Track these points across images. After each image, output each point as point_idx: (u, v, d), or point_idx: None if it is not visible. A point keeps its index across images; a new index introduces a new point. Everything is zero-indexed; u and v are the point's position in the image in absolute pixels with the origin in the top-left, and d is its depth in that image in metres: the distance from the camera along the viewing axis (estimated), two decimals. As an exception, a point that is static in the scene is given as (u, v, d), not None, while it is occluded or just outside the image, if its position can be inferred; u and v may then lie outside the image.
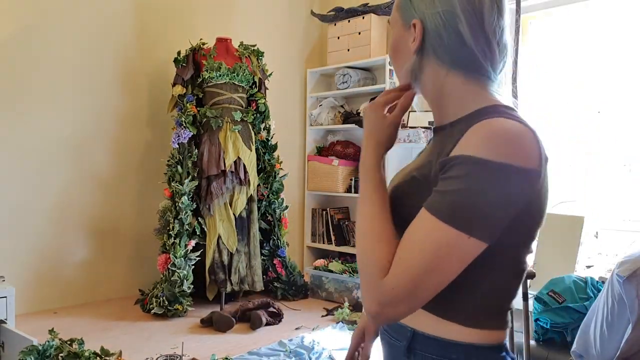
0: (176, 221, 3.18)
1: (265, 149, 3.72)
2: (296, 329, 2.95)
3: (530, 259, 0.84)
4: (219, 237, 3.30)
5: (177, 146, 3.30)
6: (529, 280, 1.82)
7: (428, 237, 0.72)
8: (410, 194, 0.83)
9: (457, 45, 0.81)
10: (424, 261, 0.71)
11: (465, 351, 0.79)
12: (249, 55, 3.59)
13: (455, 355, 0.80)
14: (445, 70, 0.84)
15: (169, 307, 3.05)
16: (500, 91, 0.84)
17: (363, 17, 4.04)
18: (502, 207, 0.71)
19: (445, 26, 0.81)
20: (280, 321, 3.05)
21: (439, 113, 0.87)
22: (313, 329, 2.92)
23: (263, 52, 3.69)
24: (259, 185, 3.63)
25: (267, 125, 3.71)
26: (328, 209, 4.30)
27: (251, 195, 3.47)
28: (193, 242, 3.23)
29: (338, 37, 4.21)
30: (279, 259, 3.65)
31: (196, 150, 3.35)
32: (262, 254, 3.60)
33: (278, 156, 3.76)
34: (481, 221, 0.71)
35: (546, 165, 0.76)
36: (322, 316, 3.20)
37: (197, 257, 3.23)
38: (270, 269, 3.64)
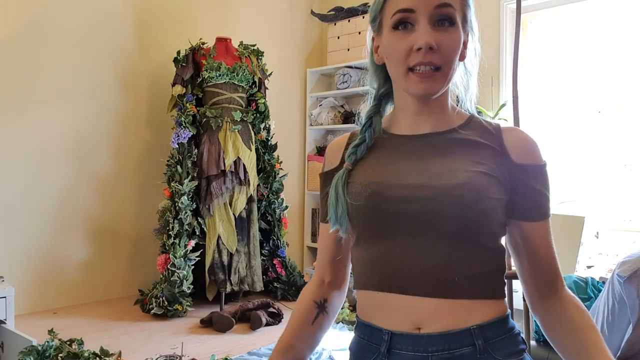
0: (176, 221, 3.18)
1: (265, 149, 3.71)
2: (296, 329, 2.94)
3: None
4: (219, 237, 3.29)
5: (177, 146, 3.30)
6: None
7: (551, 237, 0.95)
8: (487, 188, 0.87)
9: (471, 72, 0.99)
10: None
11: (509, 318, 0.91)
12: (248, 55, 3.59)
13: (510, 325, 0.90)
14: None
15: (169, 307, 3.05)
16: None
17: (363, 17, 4.04)
18: None
19: (475, 52, 0.97)
20: (280, 321, 3.05)
21: (435, 120, 0.94)
22: (313, 329, 2.91)
23: (263, 52, 3.69)
24: (258, 185, 3.63)
25: (267, 125, 3.71)
26: (328, 209, 4.29)
27: (251, 195, 3.46)
28: (193, 242, 3.23)
29: (338, 37, 4.21)
30: (278, 259, 3.64)
31: (196, 150, 3.35)
32: (262, 254, 3.59)
33: (278, 156, 3.76)
34: None
35: None
36: (322, 316, 3.19)
37: (196, 257, 3.23)
38: (270, 269, 3.63)
